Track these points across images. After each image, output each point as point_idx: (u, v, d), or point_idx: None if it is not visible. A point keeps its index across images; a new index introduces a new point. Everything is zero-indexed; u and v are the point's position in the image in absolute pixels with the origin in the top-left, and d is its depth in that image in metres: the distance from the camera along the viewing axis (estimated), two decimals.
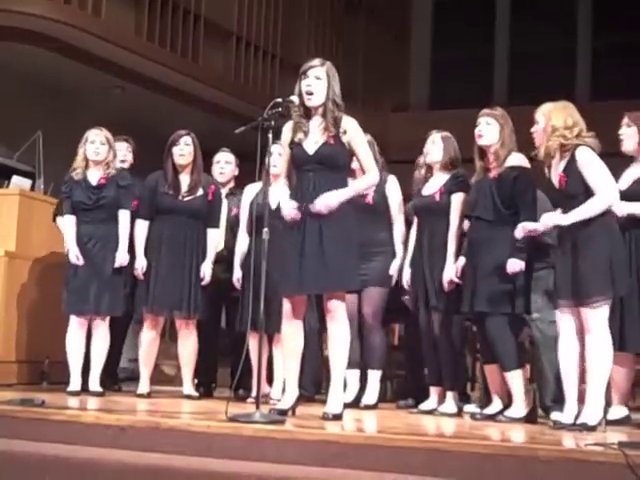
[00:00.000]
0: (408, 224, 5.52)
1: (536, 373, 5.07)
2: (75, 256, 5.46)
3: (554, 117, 4.35)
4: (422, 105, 13.90)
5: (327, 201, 4.24)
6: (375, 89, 12.90)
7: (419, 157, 5.46)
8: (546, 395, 4.85)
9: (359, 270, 4.59)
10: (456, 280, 4.95)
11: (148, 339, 5.67)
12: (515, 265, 4.65)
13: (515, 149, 4.82)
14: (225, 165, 6.12)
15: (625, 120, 4.84)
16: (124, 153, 6.05)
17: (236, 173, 6.19)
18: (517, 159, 4.78)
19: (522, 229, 4.50)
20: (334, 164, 4.31)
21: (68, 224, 5.56)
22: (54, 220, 6.02)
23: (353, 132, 4.36)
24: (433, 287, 5.06)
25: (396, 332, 7.02)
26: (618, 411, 4.75)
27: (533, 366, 5.12)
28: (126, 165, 6.03)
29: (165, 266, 5.55)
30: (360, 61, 12.88)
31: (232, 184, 6.15)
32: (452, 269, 4.98)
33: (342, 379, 4.39)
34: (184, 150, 5.62)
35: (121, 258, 5.52)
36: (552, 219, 4.36)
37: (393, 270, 5.46)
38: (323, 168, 4.30)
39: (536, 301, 4.85)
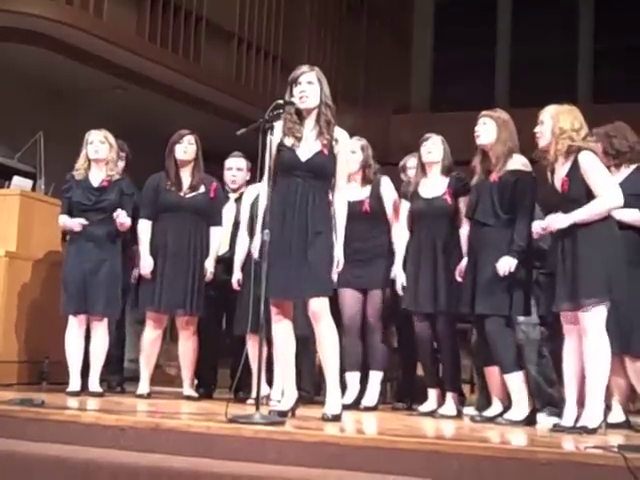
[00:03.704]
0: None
1: None
2: (78, 223, 5.44)
3: (562, 119, 4.32)
4: (423, 107, 13.91)
5: None
6: (376, 91, 12.92)
7: (406, 159, 5.42)
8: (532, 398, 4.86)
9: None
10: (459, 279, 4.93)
11: (150, 339, 5.67)
12: (507, 263, 4.61)
13: (517, 150, 4.79)
14: (237, 172, 6.07)
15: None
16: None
17: (247, 178, 6.12)
18: (518, 162, 4.76)
19: (539, 228, 4.43)
20: (323, 173, 4.37)
21: (62, 222, 5.59)
22: None
23: (343, 146, 4.44)
24: (442, 289, 5.01)
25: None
26: (618, 415, 4.75)
27: None
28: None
29: (170, 265, 5.55)
30: (361, 63, 12.90)
31: (244, 189, 6.08)
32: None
33: (337, 379, 4.39)
34: (188, 148, 5.66)
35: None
36: (556, 220, 4.29)
37: (395, 272, 5.41)
38: (312, 176, 4.34)
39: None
